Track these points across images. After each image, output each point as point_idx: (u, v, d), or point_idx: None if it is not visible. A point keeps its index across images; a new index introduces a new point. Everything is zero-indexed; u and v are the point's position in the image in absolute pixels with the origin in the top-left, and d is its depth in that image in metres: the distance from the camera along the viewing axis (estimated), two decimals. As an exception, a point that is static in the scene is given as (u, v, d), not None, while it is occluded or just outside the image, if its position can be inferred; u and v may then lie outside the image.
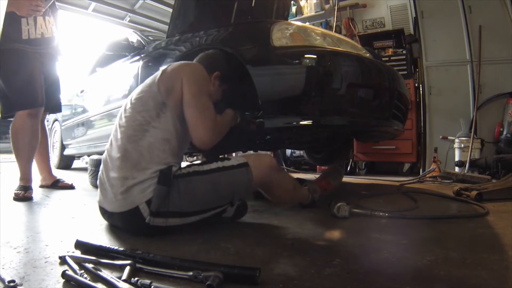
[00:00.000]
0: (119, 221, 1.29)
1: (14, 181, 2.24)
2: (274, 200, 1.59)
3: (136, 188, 1.20)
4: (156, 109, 1.30)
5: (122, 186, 1.22)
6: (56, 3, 2.37)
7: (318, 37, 1.76)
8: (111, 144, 1.34)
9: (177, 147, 1.33)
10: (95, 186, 1.96)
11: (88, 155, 3.59)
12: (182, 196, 1.24)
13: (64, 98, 3.04)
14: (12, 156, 2.27)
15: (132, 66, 2.49)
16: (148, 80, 1.42)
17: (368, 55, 2.00)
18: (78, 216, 1.63)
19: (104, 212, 1.34)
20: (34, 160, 2.31)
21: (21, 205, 1.89)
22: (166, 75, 1.35)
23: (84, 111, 3.65)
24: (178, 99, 1.32)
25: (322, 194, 1.83)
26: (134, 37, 2.76)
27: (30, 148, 2.21)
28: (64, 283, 0.82)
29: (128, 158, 1.24)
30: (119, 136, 1.30)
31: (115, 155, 1.28)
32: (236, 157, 1.38)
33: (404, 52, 4.07)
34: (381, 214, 1.58)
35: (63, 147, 4.44)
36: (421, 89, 3.96)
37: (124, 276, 0.82)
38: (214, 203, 1.32)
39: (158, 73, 1.39)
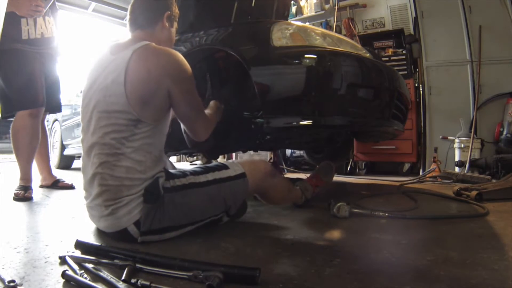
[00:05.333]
0: (110, 237, 1.20)
1: (14, 181, 2.24)
2: (268, 203, 1.59)
3: (121, 210, 1.11)
4: (129, 128, 1.10)
5: (107, 209, 1.12)
6: (56, 3, 2.37)
7: (318, 37, 1.76)
8: (84, 159, 1.19)
9: (159, 151, 1.19)
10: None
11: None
12: (178, 210, 1.17)
13: (64, 98, 3.04)
14: (12, 156, 2.27)
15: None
16: (109, 77, 1.11)
17: (368, 55, 2.00)
18: (78, 216, 1.62)
19: (95, 224, 1.29)
20: (34, 160, 2.31)
21: (21, 205, 1.89)
22: (139, 79, 1.08)
23: (84, 111, 3.64)
24: (158, 105, 1.13)
25: (315, 191, 1.83)
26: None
27: (30, 148, 2.21)
28: (64, 283, 0.82)
29: (108, 187, 1.11)
30: (91, 155, 1.13)
31: (91, 179, 1.14)
32: (234, 165, 1.34)
33: (404, 52, 4.07)
34: (381, 214, 1.58)
35: (63, 147, 4.45)
36: (421, 89, 3.95)
37: (124, 276, 0.82)
38: (210, 213, 1.29)
39: (120, 70, 1.09)
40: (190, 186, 1.21)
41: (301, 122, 1.63)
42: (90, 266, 0.88)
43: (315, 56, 1.62)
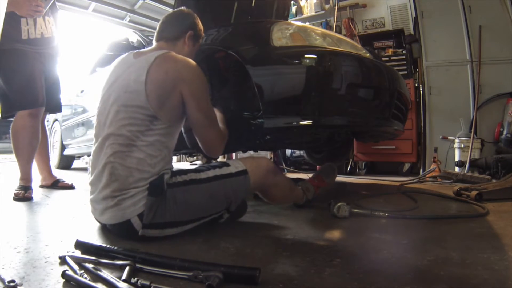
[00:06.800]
0: (112, 231, 1.25)
1: (14, 181, 2.24)
2: (270, 201, 1.58)
3: (127, 202, 1.14)
4: (145, 122, 1.17)
5: (112, 201, 1.16)
6: (56, 3, 2.37)
7: (318, 37, 1.76)
8: (95, 152, 1.23)
9: (169, 151, 1.25)
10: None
11: (88, 155, 3.60)
12: (179, 205, 1.19)
13: (64, 98, 3.04)
14: (12, 156, 2.27)
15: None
16: (131, 76, 1.20)
17: (368, 55, 2.00)
18: (78, 216, 1.63)
19: (97, 221, 1.32)
20: (34, 160, 2.31)
21: (21, 205, 1.89)
22: (158, 79, 1.17)
23: (84, 111, 3.65)
24: (173, 107, 1.20)
25: (316, 192, 1.83)
26: (134, 37, 2.76)
27: (30, 148, 2.21)
28: (64, 283, 0.82)
29: (117, 177, 1.15)
30: (105, 145, 1.18)
31: (101, 170, 1.18)
32: (235, 162, 1.35)
33: (404, 52, 4.07)
34: (381, 214, 1.58)
35: (63, 147, 4.45)
36: (421, 89, 3.95)
37: (124, 276, 0.82)
38: (211, 210, 1.30)
39: (142, 70, 1.18)
40: (191, 182, 1.24)
41: (301, 122, 1.63)
42: (90, 266, 0.88)
43: (315, 56, 1.62)
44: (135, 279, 0.80)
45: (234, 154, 3.80)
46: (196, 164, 5.02)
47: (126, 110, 1.18)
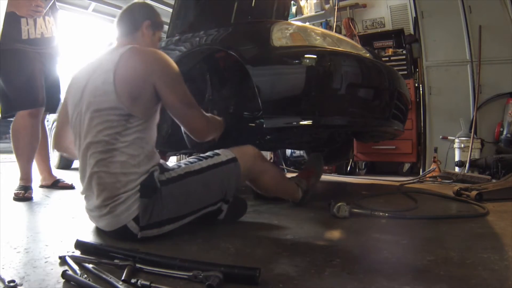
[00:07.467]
0: (111, 236, 1.22)
1: (14, 181, 2.24)
2: (263, 191, 1.58)
3: (120, 207, 1.14)
4: (121, 123, 1.14)
5: (105, 209, 1.15)
6: (56, 3, 2.37)
7: (318, 37, 1.76)
8: (81, 164, 1.22)
9: (151, 147, 1.23)
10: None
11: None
12: (176, 200, 1.20)
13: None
14: (12, 156, 2.27)
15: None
16: (98, 79, 1.17)
17: (368, 55, 2.00)
18: (78, 216, 1.62)
19: (95, 224, 1.31)
20: (34, 160, 2.31)
21: (21, 205, 1.89)
22: (127, 76, 1.15)
23: (84, 111, 3.64)
24: (146, 101, 1.18)
25: (309, 182, 1.83)
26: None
27: (30, 148, 2.21)
28: (64, 283, 0.82)
29: (105, 186, 1.14)
30: (87, 156, 1.17)
31: (88, 181, 1.18)
32: (224, 151, 1.36)
33: (404, 52, 4.07)
34: (381, 214, 1.58)
35: (63, 147, 4.44)
36: (421, 89, 3.95)
37: (124, 276, 0.82)
38: (207, 201, 1.30)
39: (109, 71, 1.14)
40: (186, 175, 1.24)
41: (301, 122, 1.63)
42: (90, 266, 0.88)
43: (315, 56, 1.62)
44: (135, 279, 0.80)
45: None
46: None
47: (99, 114, 1.15)
